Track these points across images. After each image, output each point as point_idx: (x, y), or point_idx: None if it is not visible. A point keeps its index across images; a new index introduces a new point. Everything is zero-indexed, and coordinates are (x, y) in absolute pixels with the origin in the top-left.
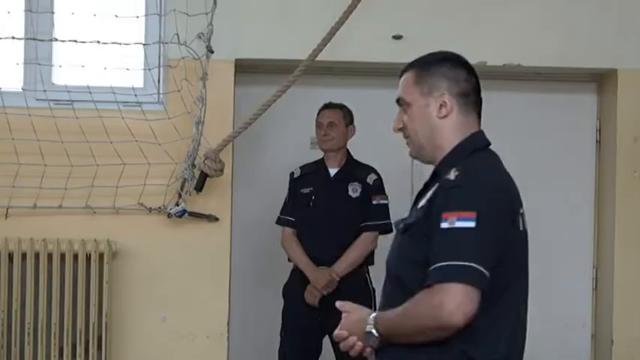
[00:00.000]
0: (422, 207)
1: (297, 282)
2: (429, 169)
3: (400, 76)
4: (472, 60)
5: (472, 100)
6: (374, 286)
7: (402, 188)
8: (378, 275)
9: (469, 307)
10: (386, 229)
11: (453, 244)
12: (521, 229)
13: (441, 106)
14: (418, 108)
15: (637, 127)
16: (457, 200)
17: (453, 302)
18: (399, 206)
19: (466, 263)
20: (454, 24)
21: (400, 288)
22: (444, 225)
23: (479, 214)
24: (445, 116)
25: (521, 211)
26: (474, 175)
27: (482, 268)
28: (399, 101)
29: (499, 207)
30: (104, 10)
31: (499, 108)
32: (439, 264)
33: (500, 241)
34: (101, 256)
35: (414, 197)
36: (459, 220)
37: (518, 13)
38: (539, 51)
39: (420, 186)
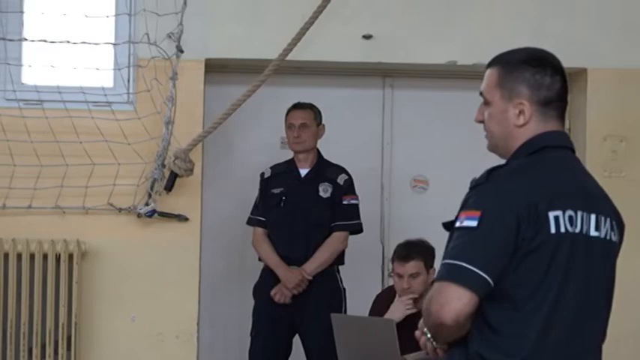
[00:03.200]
0: None
1: (267, 282)
2: (399, 169)
3: (486, 67)
4: (442, 59)
5: (554, 106)
6: (344, 285)
7: (372, 188)
8: (348, 275)
9: (454, 305)
10: (356, 229)
11: (455, 243)
12: (554, 231)
13: (519, 113)
14: (497, 110)
15: (607, 127)
16: (471, 199)
17: (439, 301)
18: (369, 206)
19: (459, 263)
20: (424, 23)
21: None
22: (457, 224)
23: (483, 214)
24: (523, 125)
25: (555, 214)
26: (497, 174)
27: (475, 269)
28: (481, 95)
29: (506, 208)
30: (74, 9)
31: (469, 108)
32: (442, 262)
33: (506, 242)
34: (70, 256)
35: (385, 197)
36: (466, 219)
37: (487, 12)
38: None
39: (389, 185)
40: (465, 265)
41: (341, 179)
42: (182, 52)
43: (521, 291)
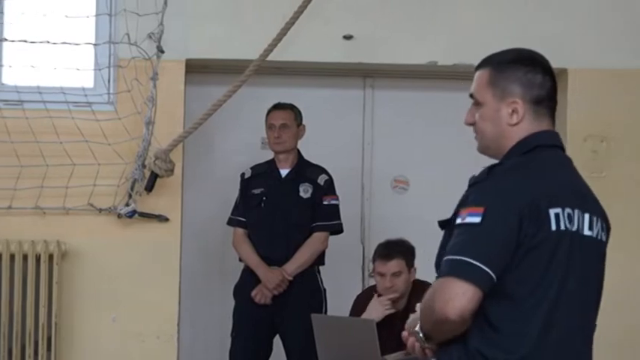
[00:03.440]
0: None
1: (248, 282)
2: (379, 170)
3: (476, 70)
4: (422, 60)
5: (545, 105)
6: (325, 286)
7: (353, 188)
8: (329, 275)
9: (459, 301)
10: (337, 230)
11: (458, 240)
12: (554, 228)
13: (512, 112)
14: (489, 110)
15: (587, 127)
16: (472, 196)
17: (444, 296)
18: (350, 206)
19: (463, 258)
20: (405, 24)
21: None
22: (458, 220)
23: (486, 210)
24: (516, 124)
25: (555, 211)
26: (497, 172)
27: (480, 264)
28: (471, 97)
29: (509, 204)
30: (54, 10)
31: (450, 108)
32: (444, 258)
33: (509, 239)
34: (51, 256)
35: (365, 197)
36: (468, 215)
37: (468, 13)
38: (489, 51)
39: (370, 186)
40: (469, 260)
41: (321, 179)
42: (163, 52)
43: (522, 288)
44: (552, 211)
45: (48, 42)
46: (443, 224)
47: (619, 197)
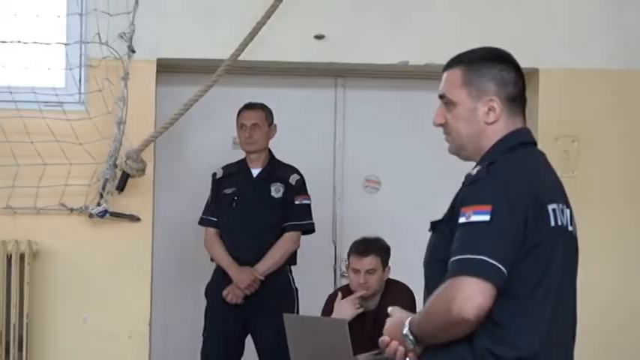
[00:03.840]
0: (450, 204)
1: (219, 282)
2: (351, 169)
3: (444, 70)
4: (394, 59)
5: (518, 103)
6: (297, 286)
7: (324, 188)
8: (301, 275)
9: (478, 300)
10: (308, 229)
11: (467, 238)
12: (553, 224)
13: (489, 110)
14: (464, 110)
15: (558, 127)
16: (474, 194)
17: (461, 295)
18: (321, 206)
19: (477, 257)
20: (376, 23)
21: (428, 289)
22: (462, 220)
23: (494, 208)
24: (493, 122)
25: (552, 207)
26: (496, 169)
27: (494, 262)
28: (442, 97)
29: (515, 201)
30: (25, 9)
31: (421, 108)
32: (453, 258)
33: (517, 236)
34: (22, 256)
35: (337, 197)
36: (474, 213)
37: (439, 13)
38: (461, 50)
39: (341, 185)
40: (483, 258)
41: (293, 179)
42: (134, 52)
43: (526, 284)
44: (550, 207)
45: (19, 42)
46: (435, 224)
47: (591, 197)
